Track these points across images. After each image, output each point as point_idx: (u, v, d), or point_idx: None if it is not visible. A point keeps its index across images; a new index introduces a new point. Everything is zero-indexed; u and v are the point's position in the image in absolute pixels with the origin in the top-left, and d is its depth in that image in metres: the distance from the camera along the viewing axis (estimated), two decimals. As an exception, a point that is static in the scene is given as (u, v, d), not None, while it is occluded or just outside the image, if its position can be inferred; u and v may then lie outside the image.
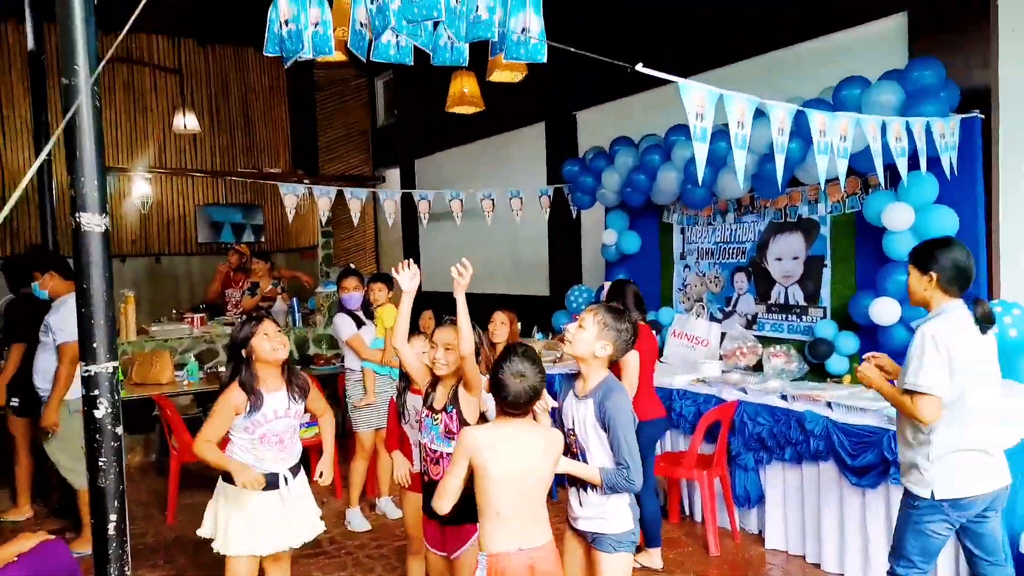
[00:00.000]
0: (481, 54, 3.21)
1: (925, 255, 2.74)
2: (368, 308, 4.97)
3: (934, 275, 2.70)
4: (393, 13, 2.40)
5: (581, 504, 2.62)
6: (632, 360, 3.85)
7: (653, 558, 3.98)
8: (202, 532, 3.08)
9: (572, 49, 2.52)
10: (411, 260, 2.97)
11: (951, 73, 4.09)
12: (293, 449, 3.10)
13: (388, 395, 4.72)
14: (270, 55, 2.76)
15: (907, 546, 2.75)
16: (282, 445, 3.01)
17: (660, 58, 5.99)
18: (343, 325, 4.85)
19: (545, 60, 2.46)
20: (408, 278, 2.88)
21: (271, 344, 2.97)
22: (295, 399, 3.06)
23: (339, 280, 5.04)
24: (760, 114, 2.93)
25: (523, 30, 2.37)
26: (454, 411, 2.80)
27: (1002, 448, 2.80)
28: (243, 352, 2.96)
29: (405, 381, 3.20)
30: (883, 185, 4.21)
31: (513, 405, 2.36)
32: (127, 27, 2.13)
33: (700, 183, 3.32)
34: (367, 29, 2.71)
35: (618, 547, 2.57)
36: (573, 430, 2.63)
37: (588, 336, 2.60)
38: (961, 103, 4.09)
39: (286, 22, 2.56)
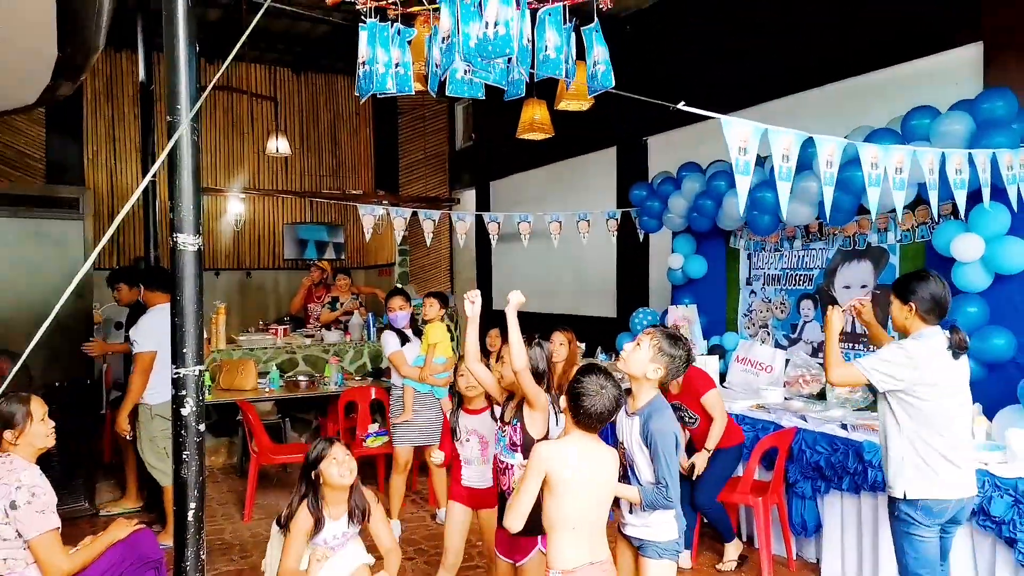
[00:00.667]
0: (552, 82, 3.41)
1: (905, 287, 3.04)
2: (417, 324, 5.10)
3: (913, 305, 3.00)
4: (467, 51, 2.61)
5: (631, 511, 2.74)
6: (716, 399, 4.12)
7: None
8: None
9: (620, 92, 2.66)
10: (477, 291, 3.12)
11: (1025, 102, 4.02)
12: (350, 563, 3.13)
13: (427, 413, 4.93)
14: (359, 95, 3.02)
15: (908, 560, 2.95)
16: (332, 570, 3.09)
17: (723, 87, 6.10)
18: (388, 341, 5.00)
19: (613, 85, 2.62)
20: (470, 306, 3.05)
21: (338, 470, 3.03)
22: (355, 522, 3.13)
23: (387, 300, 5.16)
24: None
25: (595, 63, 2.54)
26: (518, 424, 2.96)
27: (970, 461, 3.01)
28: (312, 474, 3.06)
29: (458, 401, 3.37)
30: (954, 215, 4.15)
31: (597, 420, 2.43)
32: (227, 61, 2.41)
33: (740, 215, 3.39)
34: (440, 68, 2.93)
35: (663, 554, 2.69)
36: (623, 444, 2.76)
37: (643, 357, 2.72)
38: (1036, 133, 4.01)
39: (363, 63, 2.81)
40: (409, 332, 5.06)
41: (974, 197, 3.72)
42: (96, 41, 3.77)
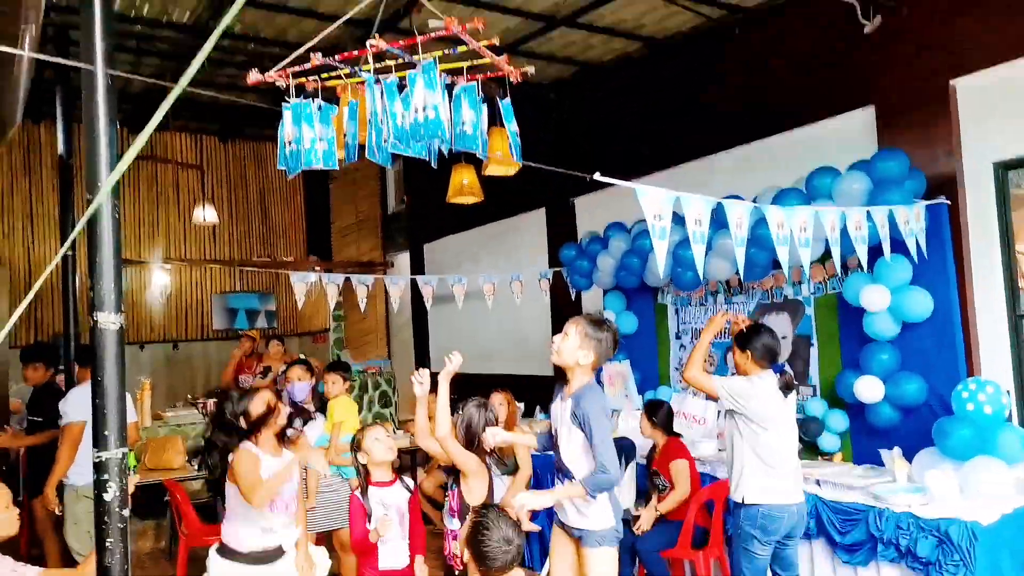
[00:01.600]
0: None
1: (745, 338, 3.57)
2: (322, 399, 4.69)
3: (750, 353, 3.55)
4: (398, 131, 2.69)
5: (565, 507, 2.78)
6: (682, 468, 4.37)
7: None
8: None
9: (535, 164, 2.79)
10: (425, 370, 3.17)
11: (917, 161, 4.35)
12: (293, 511, 3.17)
13: (332, 496, 4.43)
14: (282, 168, 3.07)
15: (743, 571, 3.43)
16: (288, 513, 3.10)
17: (640, 152, 6.38)
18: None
19: (520, 161, 2.74)
20: (418, 387, 3.12)
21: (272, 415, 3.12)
22: (287, 437, 3.19)
23: (285, 371, 4.76)
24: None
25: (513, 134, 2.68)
26: (456, 490, 2.96)
27: (797, 476, 3.56)
28: (243, 422, 3.09)
29: (366, 478, 3.27)
30: (862, 267, 4.41)
31: (502, 571, 2.38)
32: (144, 134, 2.42)
33: (661, 277, 3.57)
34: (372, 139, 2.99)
35: (602, 542, 2.72)
36: (554, 425, 2.85)
37: (572, 345, 2.85)
38: (929, 189, 4.34)
39: (290, 142, 2.86)
40: (311, 407, 4.63)
41: (877, 251, 3.97)
42: (13, 116, 3.73)
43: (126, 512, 2.11)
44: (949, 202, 4.28)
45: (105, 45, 2.17)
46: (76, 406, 4.38)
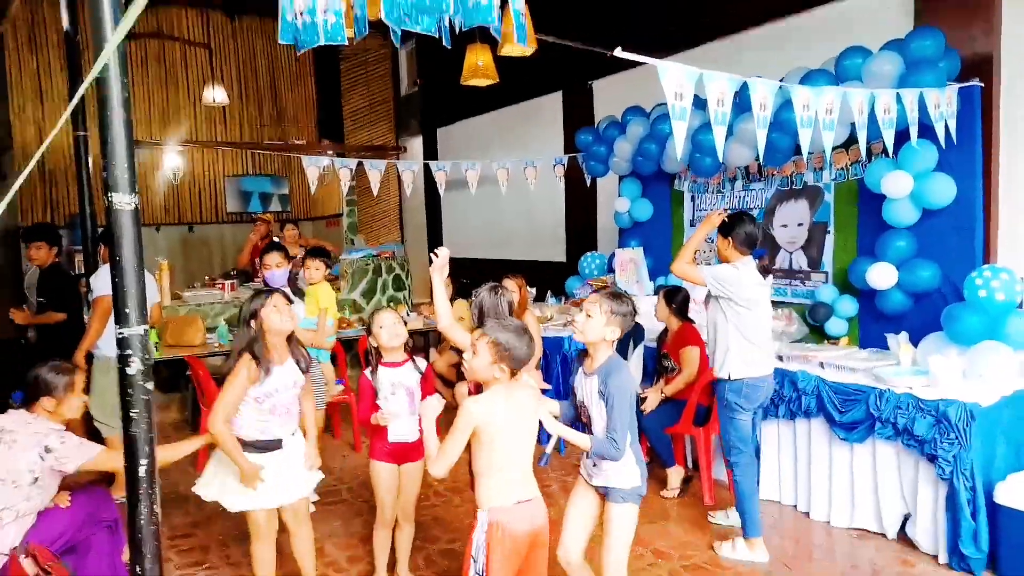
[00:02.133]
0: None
1: (728, 226, 3.70)
2: (295, 284, 4.61)
3: (731, 239, 3.68)
4: (407, 5, 2.57)
5: (595, 464, 2.87)
6: (691, 354, 4.50)
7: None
8: (196, 489, 3.21)
9: (552, 39, 2.66)
10: (443, 248, 3.14)
11: (953, 41, 4.14)
12: (295, 413, 3.23)
13: (316, 378, 4.36)
14: (284, 43, 2.95)
15: (731, 437, 3.73)
16: (289, 415, 3.17)
17: (665, 30, 6.11)
18: None
19: (533, 48, 2.62)
20: (436, 269, 3.09)
21: (279, 316, 3.05)
22: (301, 369, 3.18)
23: (261, 256, 4.69)
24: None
25: (522, 15, 2.54)
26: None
27: (771, 351, 3.88)
28: (252, 323, 3.06)
29: (376, 359, 3.31)
30: (885, 153, 4.29)
31: (518, 365, 2.51)
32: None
33: (678, 160, 3.48)
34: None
35: (627, 498, 2.83)
36: (583, 402, 2.86)
37: (597, 324, 2.80)
38: (962, 71, 4.15)
39: (301, 13, 2.72)
40: (288, 291, 4.43)
41: (903, 136, 3.86)
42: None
43: (150, 385, 2.20)
44: (983, 85, 4.10)
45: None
46: (105, 280, 4.46)
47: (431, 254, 3.11)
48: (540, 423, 2.68)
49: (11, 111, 9.02)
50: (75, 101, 1.74)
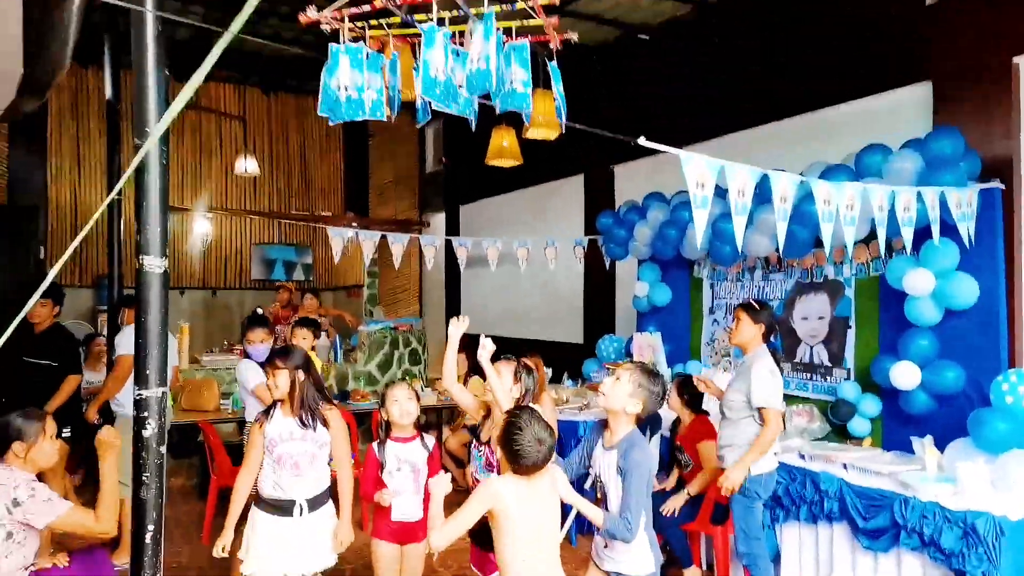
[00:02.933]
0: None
1: (758, 311, 3.75)
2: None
3: (762, 325, 3.74)
4: (445, 87, 2.67)
5: (607, 546, 2.77)
6: (711, 450, 4.28)
7: None
8: (240, 554, 3.24)
9: (581, 127, 2.75)
10: (464, 316, 3.29)
11: (973, 142, 4.20)
12: (312, 478, 3.22)
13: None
14: (324, 116, 3.06)
15: (750, 528, 3.72)
16: (297, 470, 3.16)
17: (686, 120, 6.26)
18: (248, 372, 4.43)
19: (562, 126, 2.72)
20: (454, 326, 3.23)
21: (272, 380, 3.25)
22: (308, 426, 3.21)
23: (245, 331, 4.60)
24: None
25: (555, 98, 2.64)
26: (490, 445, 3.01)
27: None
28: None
29: (386, 432, 3.31)
30: (906, 250, 4.30)
31: (533, 469, 2.46)
32: (192, 83, 2.43)
33: (699, 248, 3.54)
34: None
35: None
36: (600, 477, 2.79)
37: (622, 392, 2.75)
38: (983, 172, 4.19)
39: (345, 88, 2.82)
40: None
41: (924, 233, 3.86)
42: (62, 59, 3.77)
43: (163, 448, 2.18)
44: (1004, 186, 4.13)
45: (155, -12, 2.18)
46: (129, 341, 4.50)
47: (481, 342, 3.13)
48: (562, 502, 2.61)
49: (48, 173, 9.32)
50: (124, 178, 1.80)
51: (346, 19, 2.91)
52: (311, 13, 2.89)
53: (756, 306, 3.79)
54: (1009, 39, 4.24)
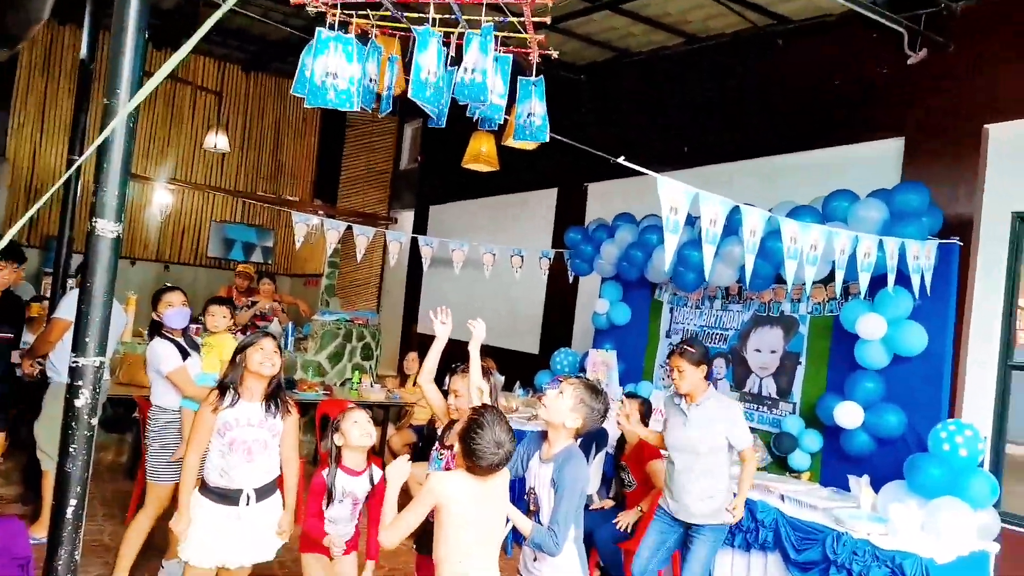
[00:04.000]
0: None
1: (701, 354, 3.66)
2: (188, 336, 4.13)
3: (705, 367, 3.67)
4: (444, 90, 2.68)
5: (535, 559, 2.74)
6: (661, 467, 4.22)
7: None
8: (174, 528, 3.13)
9: (563, 139, 2.76)
10: (447, 308, 3.17)
11: (937, 198, 4.32)
12: (263, 465, 3.14)
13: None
14: (298, 96, 3.00)
15: (709, 564, 3.71)
16: (250, 456, 3.08)
17: (671, 145, 6.34)
18: (164, 353, 3.90)
19: (547, 140, 2.73)
20: (443, 327, 3.16)
21: (260, 357, 3.10)
22: (271, 412, 3.14)
23: (158, 296, 4.02)
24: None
25: (528, 114, 2.62)
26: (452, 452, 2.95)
27: None
28: (238, 358, 3.13)
29: (337, 461, 3.19)
30: (862, 295, 4.39)
31: (486, 471, 2.42)
32: (178, 55, 2.37)
33: (665, 272, 3.54)
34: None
35: None
36: (534, 488, 2.77)
37: (563, 406, 2.74)
38: (944, 227, 4.31)
39: (334, 75, 2.76)
40: (183, 341, 4.03)
41: (881, 280, 3.95)
42: (41, 13, 3.64)
43: (94, 421, 2.10)
44: (962, 244, 4.25)
45: (141, -53, 2.12)
46: (69, 306, 4.29)
47: (469, 324, 3.09)
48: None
49: (10, 126, 9.02)
50: (89, 152, 1.73)
51: (338, 5, 2.88)
52: (304, -7, 2.84)
53: (691, 349, 3.64)
54: (983, 106, 4.38)
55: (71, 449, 2.05)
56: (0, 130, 8.77)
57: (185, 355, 3.97)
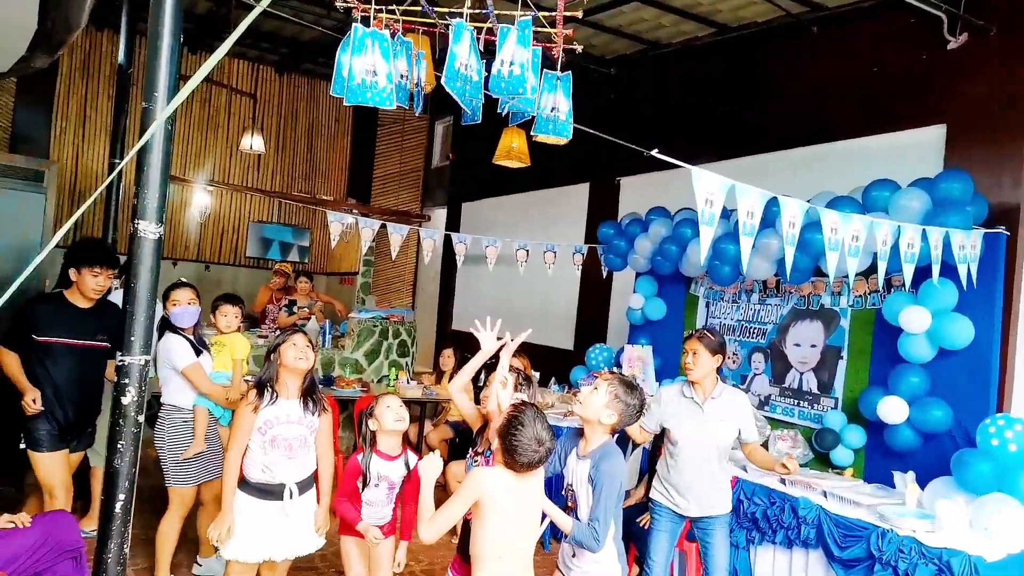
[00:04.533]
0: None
1: (717, 343, 3.56)
2: (198, 334, 4.05)
3: (720, 356, 3.56)
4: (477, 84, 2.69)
5: (574, 555, 2.74)
6: None
7: None
8: (211, 535, 3.20)
9: (594, 132, 2.74)
10: (497, 320, 3.03)
11: (982, 187, 4.20)
12: (303, 460, 3.22)
13: (217, 442, 4.00)
14: (338, 96, 3.03)
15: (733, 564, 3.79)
16: (291, 452, 3.15)
17: (705, 138, 6.26)
18: (179, 349, 3.81)
19: (570, 136, 2.72)
20: (491, 339, 3.00)
21: (295, 353, 3.16)
22: (309, 410, 3.21)
23: (167, 293, 3.94)
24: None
25: (553, 108, 2.61)
26: (491, 456, 2.96)
27: None
28: (272, 356, 3.19)
29: (372, 445, 3.25)
30: (905, 287, 4.29)
31: (527, 468, 2.44)
32: (213, 59, 2.40)
33: (701, 264, 3.49)
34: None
35: None
36: (572, 485, 2.77)
37: (598, 402, 2.75)
38: (989, 217, 4.19)
39: (374, 72, 2.77)
40: (192, 339, 3.98)
41: (924, 272, 3.86)
42: (79, 19, 3.73)
43: (141, 418, 2.14)
44: (1008, 233, 4.13)
45: (178, -48, 2.15)
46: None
47: (480, 326, 3.04)
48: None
49: (53, 132, 9.25)
50: (129, 156, 1.76)
51: (372, 2, 2.89)
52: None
53: (711, 335, 3.57)
54: (1026, 90, 4.25)
55: (119, 446, 2.10)
56: (44, 133, 9.00)
57: (197, 352, 3.92)
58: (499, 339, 3.01)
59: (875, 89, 5.08)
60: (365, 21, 2.87)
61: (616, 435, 2.85)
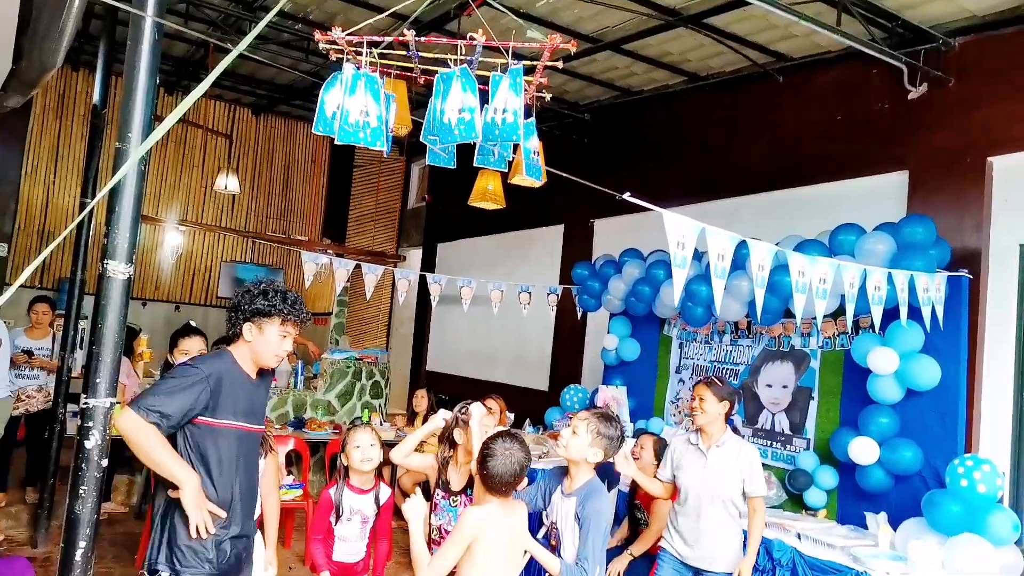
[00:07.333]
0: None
1: (727, 391, 3.48)
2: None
3: (728, 404, 3.47)
4: (439, 126, 2.72)
5: None
6: (662, 507, 4.08)
7: None
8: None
9: (569, 176, 2.79)
10: (475, 409, 3.02)
11: (944, 231, 4.32)
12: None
13: None
14: (322, 134, 3.05)
15: None
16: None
17: (666, 185, 6.38)
18: None
19: (543, 180, 2.77)
20: (441, 419, 3.07)
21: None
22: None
23: (175, 339, 3.81)
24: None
25: (535, 153, 2.67)
26: (472, 495, 2.94)
27: None
28: None
29: (345, 479, 3.25)
30: (873, 328, 4.36)
31: (502, 482, 2.44)
32: (188, 100, 2.41)
33: (675, 306, 3.52)
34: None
35: None
36: (556, 523, 2.76)
37: (582, 443, 2.75)
38: (952, 260, 4.30)
39: (364, 111, 2.79)
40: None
41: (891, 314, 3.93)
42: (54, 59, 3.73)
43: (104, 462, 2.10)
44: (971, 276, 4.24)
45: (157, -4, 2.18)
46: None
47: (483, 403, 3.06)
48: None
49: (23, 171, 9.16)
50: (106, 189, 1.76)
51: (364, 43, 2.93)
52: (335, 33, 2.88)
53: (719, 382, 3.52)
54: (986, 138, 4.41)
55: (81, 491, 2.05)
56: (14, 175, 8.90)
57: None
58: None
59: (840, 136, 5.23)
60: (357, 63, 2.90)
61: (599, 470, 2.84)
